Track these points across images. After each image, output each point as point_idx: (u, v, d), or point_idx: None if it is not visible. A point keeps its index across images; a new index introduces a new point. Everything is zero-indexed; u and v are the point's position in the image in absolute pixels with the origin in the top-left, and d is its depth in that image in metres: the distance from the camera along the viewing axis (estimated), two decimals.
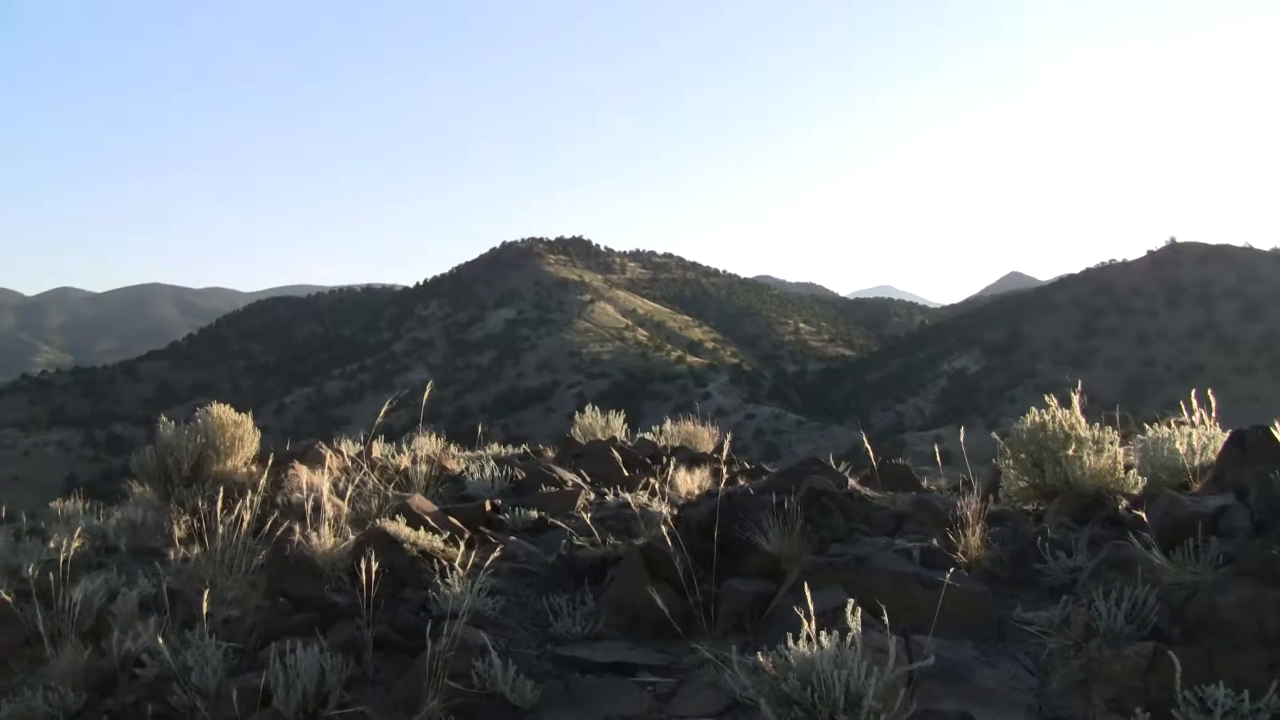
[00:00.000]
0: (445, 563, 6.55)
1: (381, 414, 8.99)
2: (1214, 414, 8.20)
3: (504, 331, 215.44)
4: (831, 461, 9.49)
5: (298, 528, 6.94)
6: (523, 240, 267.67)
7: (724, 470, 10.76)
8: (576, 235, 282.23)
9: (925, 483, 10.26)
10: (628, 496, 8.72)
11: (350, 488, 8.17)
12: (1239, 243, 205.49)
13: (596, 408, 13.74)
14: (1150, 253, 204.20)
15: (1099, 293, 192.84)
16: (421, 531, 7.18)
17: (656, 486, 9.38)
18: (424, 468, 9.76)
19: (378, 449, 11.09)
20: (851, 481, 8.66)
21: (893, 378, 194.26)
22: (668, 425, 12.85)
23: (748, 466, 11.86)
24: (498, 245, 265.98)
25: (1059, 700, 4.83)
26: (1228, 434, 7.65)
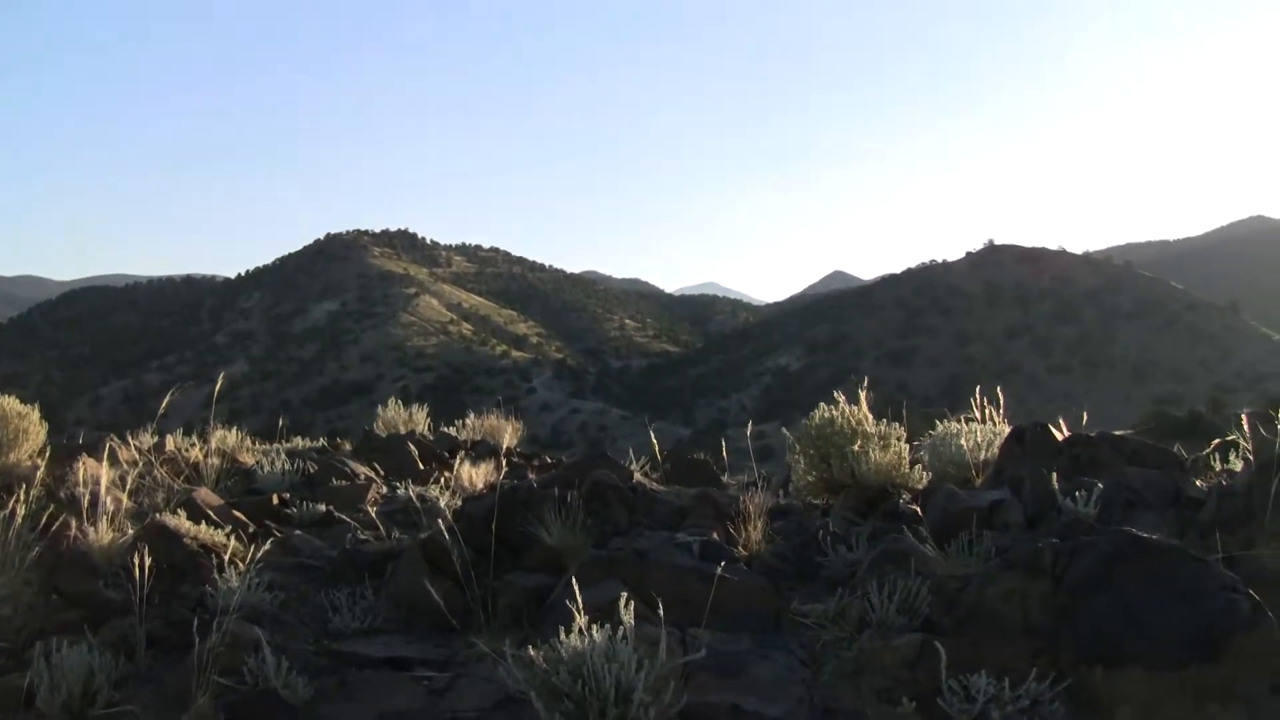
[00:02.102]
0: (225, 557, 7.26)
1: (163, 406, 9.85)
2: (1003, 411, 9.99)
3: (327, 324, 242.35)
4: (658, 456, 10.89)
5: (74, 522, 7.49)
6: (348, 232, 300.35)
7: (516, 464, 12.15)
8: (402, 228, 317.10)
9: (726, 478, 11.61)
10: (415, 490, 9.61)
11: (134, 481, 8.84)
12: (1054, 246, 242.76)
13: (404, 403, 15.75)
14: (969, 254, 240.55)
15: (920, 292, 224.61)
16: (203, 526, 7.93)
17: (447, 480, 10.51)
18: (216, 461, 10.82)
19: (173, 442, 12.05)
20: (638, 476, 9.59)
21: (717, 374, 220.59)
22: (470, 419, 14.90)
23: (547, 460, 13.32)
24: (322, 237, 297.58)
25: (831, 691, 5.68)
26: (1009, 429, 9.44)
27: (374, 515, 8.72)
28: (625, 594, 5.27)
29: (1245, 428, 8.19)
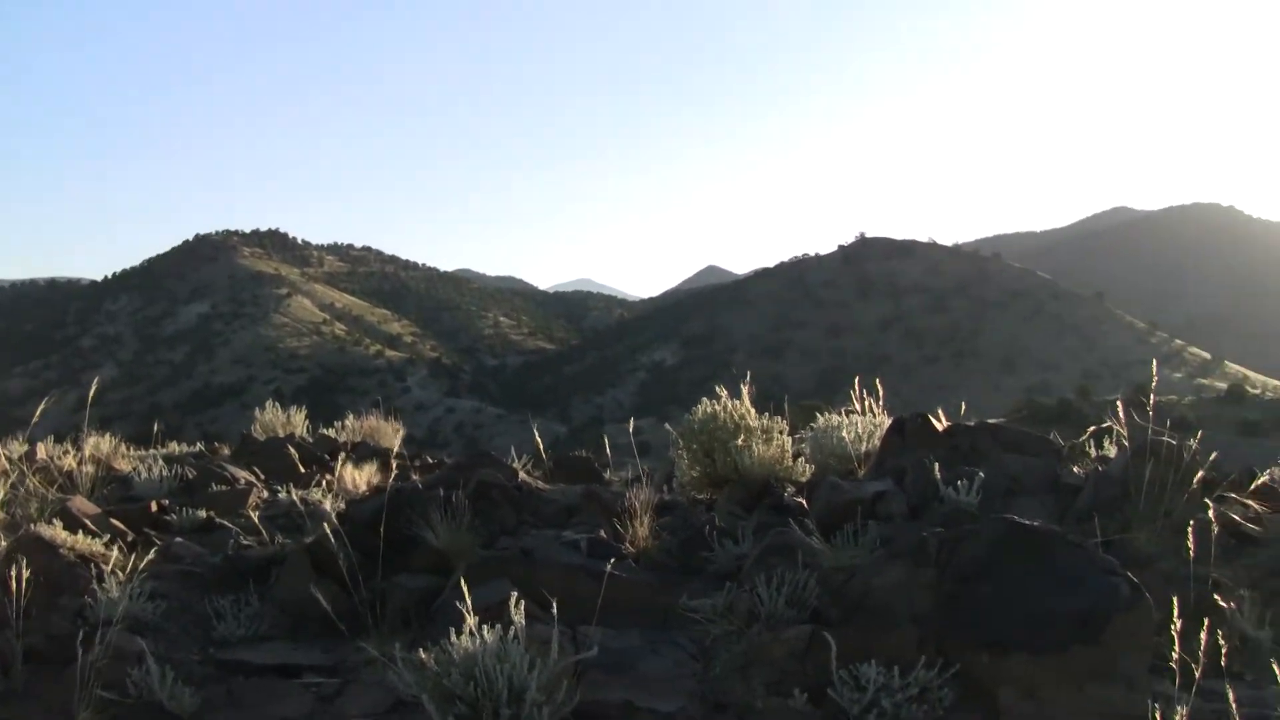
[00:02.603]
0: (106, 568, 7.12)
1: (37, 413, 9.77)
2: (881, 403, 10.36)
3: (197, 326, 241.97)
4: (541, 454, 11.04)
5: None
6: (217, 233, 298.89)
7: (399, 465, 12.20)
8: (273, 228, 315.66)
9: (608, 474, 11.80)
10: (297, 494, 9.64)
11: (6, 491, 8.58)
12: (924, 239, 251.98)
13: (278, 404, 15.71)
14: (841, 247, 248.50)
15: (792, 286, 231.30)
16: (81, 535, 7.81)
17: (329, 483, 10.53)
18: (90, 468, 10.68)
19: (44, 450, 11.82)
20: (522, 474, 9.67)
21: (593, 370, 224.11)
22: (350, 421, 15.00)
23: (429, 460, 13.40)
24: (191, 238, 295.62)
25: (721, 685, 5.80)
26: (890, 421, 9.78)
27: (256, 520, 8.67)
28: (515, 594, 5.35)
29: (1120, 414, 8.60)
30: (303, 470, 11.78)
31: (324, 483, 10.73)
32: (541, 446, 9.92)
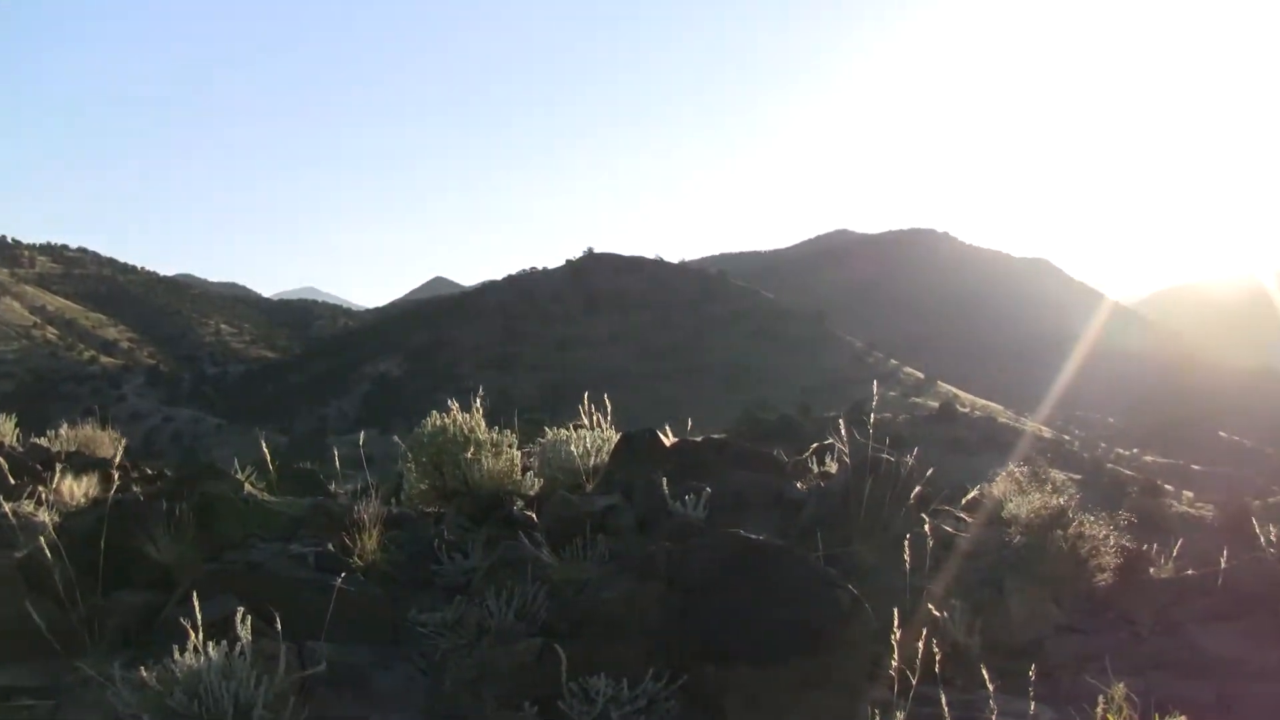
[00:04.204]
0: None
1: None
2: (609, 417, 10.52)
3: None
4: (269, 465, 10.68)
5: None
6: None
7: (121, 476, 11.55)
8: None
9: (334, 486, 11.61)
10: (9, 506, 9.18)
11: None
12: (652, 255, 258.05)
13: None
14: (569, 262, 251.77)
15: (521, 299, 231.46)
16: None
17: (44, 495, 10.00)
18: None
19: None
20: (248, 486, 9.56)
21: (317, 380, 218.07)
22: (64, 430, 14.14)
23: (149, 472, 12.75)
24: None
25: (452, 699, 5.83)
26: (619, 436, 9.96)
27: None
28: (241, 608, 5.24)
29: (841, 431, 8.98)
30: (14, 481, 11.11)
31: (38, 494, 10.14)
32: (269, 457, 9.65)
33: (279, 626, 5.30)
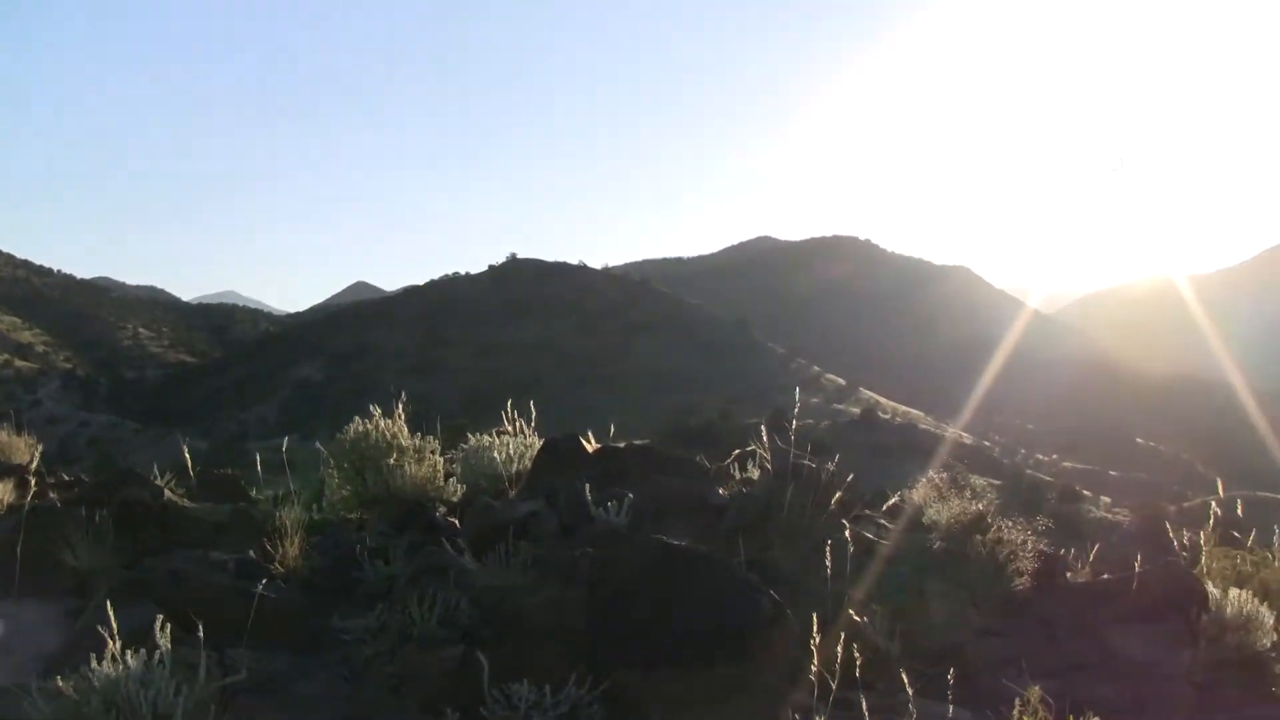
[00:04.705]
0: None
1: None
2: (533, 423, 10.54)
3: None
4: (190, 471, 10.54)
5: None
6: None
7: (37, 483, 11.31)
8: None
9: (255, 492, 11.51)
10: None
11: None
12: (575, 261, 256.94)
13: None
14: (492, 267, 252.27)
15: (443, 305, 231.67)
16: None
17: None
18: None
19: None
20: (168, 493, 9.48)
21: (237, 385, 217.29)
22: None
23: (66, 478, 12.51)
24: None
25: (375, 706, 5.83)
26: (542, 442, 9.98)
27: None
28: (160, 616, 5.20)
29: (763, 438, 9.06)
30: None
31: None
32: (190, 463, 9.56)
33: (199, 634, 5.23)
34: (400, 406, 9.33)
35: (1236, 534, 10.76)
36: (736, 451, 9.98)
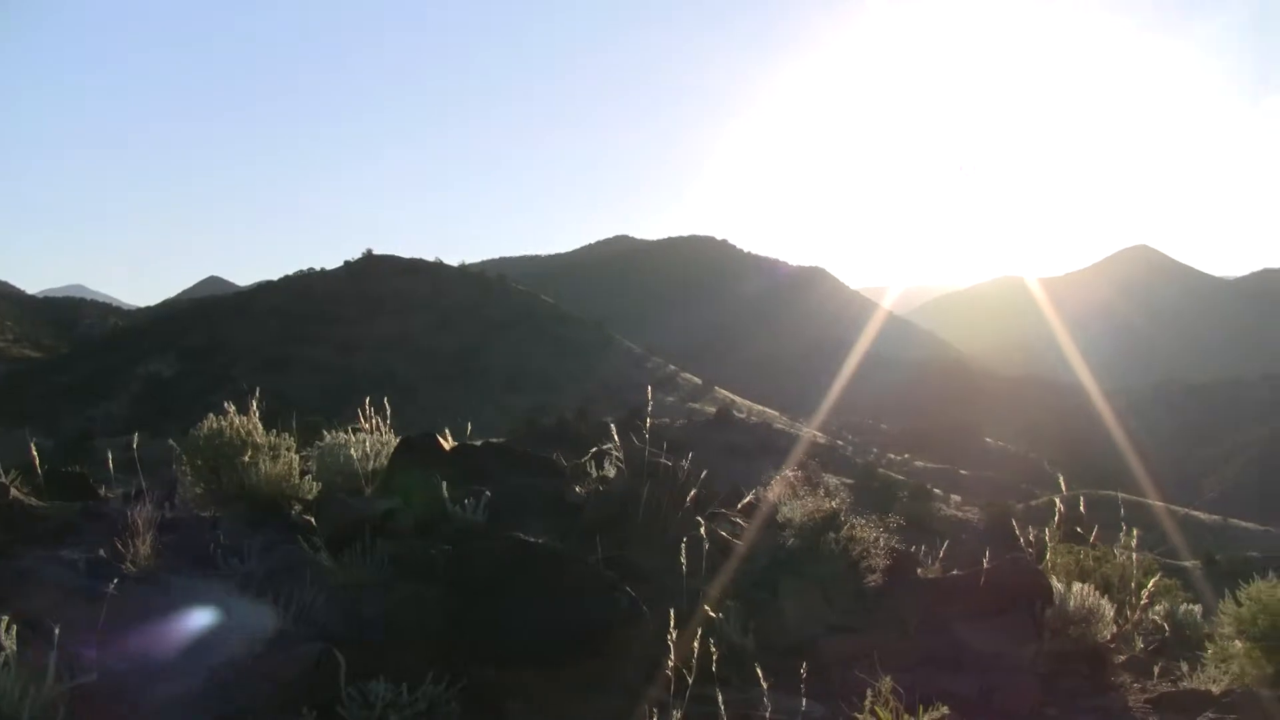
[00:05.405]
0: None
1: None
2: (389, 421, 10.51)
3: None
4: (37, 467, 10.20)
5: None
6: None
7: None
8: None
9: (105, 490, 11.25)
10: None
11: None
12: (430, 258, 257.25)
13: None
14: (348, 263, 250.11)
15: (298, 300, 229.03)
16: None
17: None
18: None
19: None
20: (13, 491, 9.25)
21: (85, 381, 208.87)
22: None
23: None
24: None
25: (230, 705, 5.80)
26: (399, 439, 9.96)
27: None
28: (6, 617, 5.12)
29: (616, 437, 9.17)
30: None
31: None
32: (37, 460, 9.31)
33: (51, 635, 5.15)
34: (255, 403, 9.24)
35: (1080, 530, 11.16)
36: (594, 449, 10.07)
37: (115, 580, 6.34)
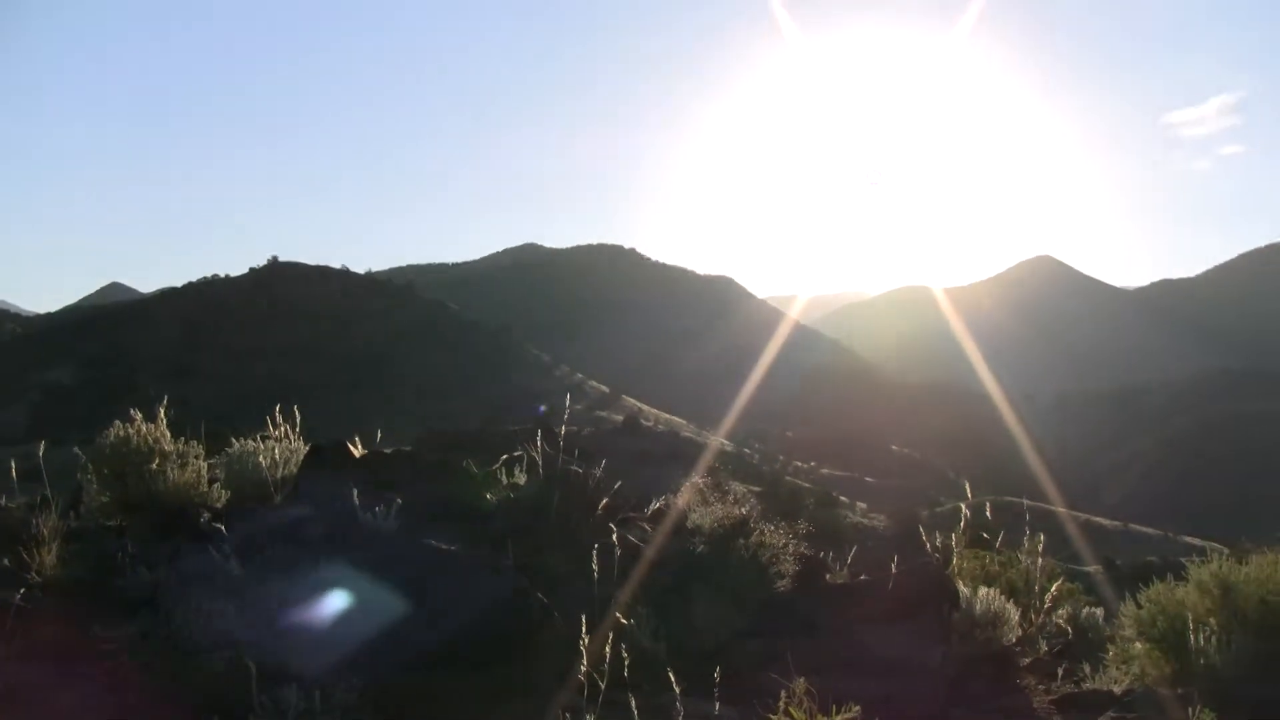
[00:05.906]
0: None
1: None
2: (298, 429, 10.45)
3: None
4: None
5: None
6: None
7: None
8: None
9: (4, 500, 11.04)
10: None
11: None
12: (337, 265, 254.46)
13: None
14: (253, 270, 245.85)
15: (203, 307, 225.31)
16: None
17: None
18: None
19: None
20: None
21: None
22: None
23: None
24: None
25: (137, 715, 5.71)
26: (309, 447, 9.93)
27: None
28: None
29: (530, 444, 9.22)
30: None
31: None
32: None
33: None
34: (161, 411, 9.15)
35: (985, 536, 11.37)
36: (505, 457, 10.10)
37: (20, 590, 6.29)
